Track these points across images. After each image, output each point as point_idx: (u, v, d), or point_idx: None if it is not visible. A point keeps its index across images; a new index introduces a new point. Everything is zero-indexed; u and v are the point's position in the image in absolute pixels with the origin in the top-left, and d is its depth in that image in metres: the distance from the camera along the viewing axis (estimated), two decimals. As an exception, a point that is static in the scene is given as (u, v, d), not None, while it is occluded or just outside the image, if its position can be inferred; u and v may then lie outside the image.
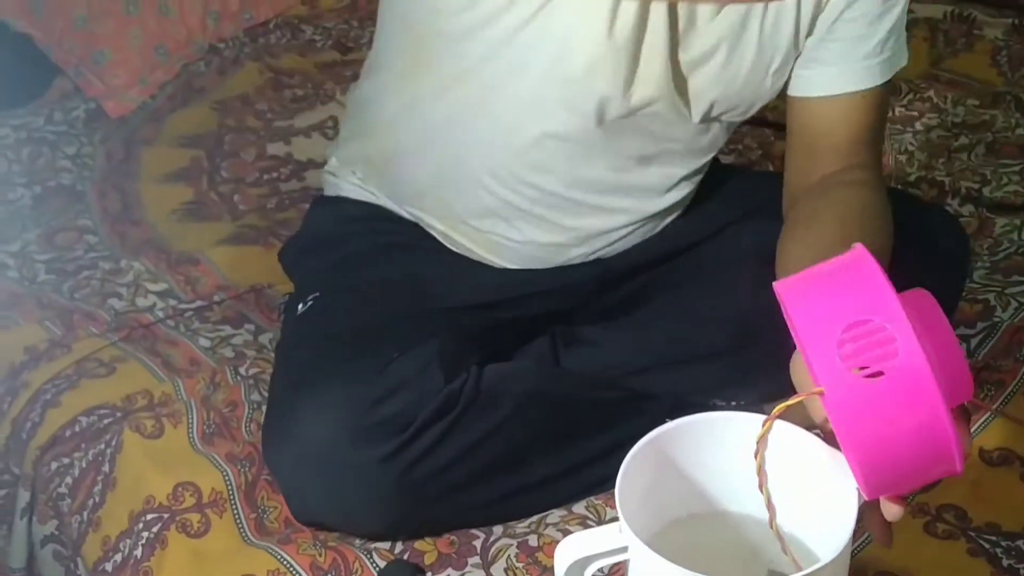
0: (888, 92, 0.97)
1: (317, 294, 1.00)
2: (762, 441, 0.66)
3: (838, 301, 0.59)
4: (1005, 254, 1.26)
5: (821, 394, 0.61)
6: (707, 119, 0.95)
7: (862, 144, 0.95)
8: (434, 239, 1.04)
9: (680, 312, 1.04)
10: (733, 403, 0.99)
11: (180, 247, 1.32)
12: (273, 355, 1.08)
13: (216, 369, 1.11)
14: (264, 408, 1.05)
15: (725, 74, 0.91)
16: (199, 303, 1.22)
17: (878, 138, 0.98)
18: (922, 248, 0.96)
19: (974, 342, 1.13)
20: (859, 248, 0.62)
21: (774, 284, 0.64)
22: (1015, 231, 1.30)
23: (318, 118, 1.60)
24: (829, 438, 0.67)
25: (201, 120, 1.60)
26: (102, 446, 1.03)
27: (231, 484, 0.98)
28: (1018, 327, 1.14)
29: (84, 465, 1.03)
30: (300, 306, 1.00)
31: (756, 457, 0.66)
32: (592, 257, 1.03)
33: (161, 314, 1.20)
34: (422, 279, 1.01)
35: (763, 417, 0.69)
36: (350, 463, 0.86)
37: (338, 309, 0.98)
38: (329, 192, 1.11)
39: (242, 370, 1.10)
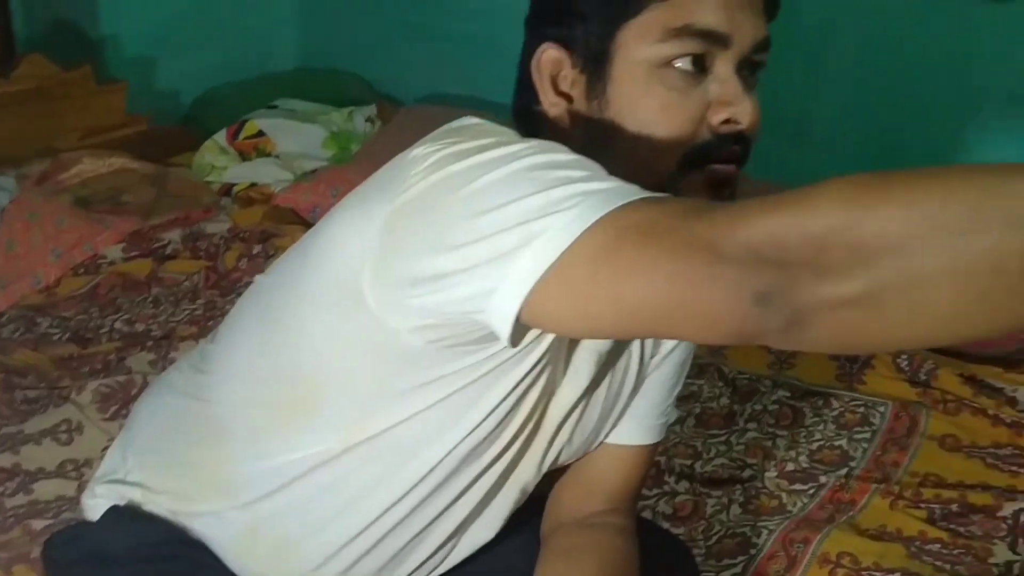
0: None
1: None
2: None
3: None
4: (717, 538, 1.37)
5: None
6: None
7: (630, 492, 1.04)
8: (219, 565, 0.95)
9: None
10: None
11: None
12: None
13: None
14: None
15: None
16: None
17: (641, 490, 1.08)
18: None
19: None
20: None
21: None
22: (724, 510, 1.42)
23: (51, 422, 1.53)
24: None
25: (-81, 433, 1.52)
26: None
27: None
28: (729, 612, 1.24)
29: None
30: None
31: None
32: None
33: None
34: None
35: None
36: None
37: None
38: (116, 500, 0.98)
39: None
